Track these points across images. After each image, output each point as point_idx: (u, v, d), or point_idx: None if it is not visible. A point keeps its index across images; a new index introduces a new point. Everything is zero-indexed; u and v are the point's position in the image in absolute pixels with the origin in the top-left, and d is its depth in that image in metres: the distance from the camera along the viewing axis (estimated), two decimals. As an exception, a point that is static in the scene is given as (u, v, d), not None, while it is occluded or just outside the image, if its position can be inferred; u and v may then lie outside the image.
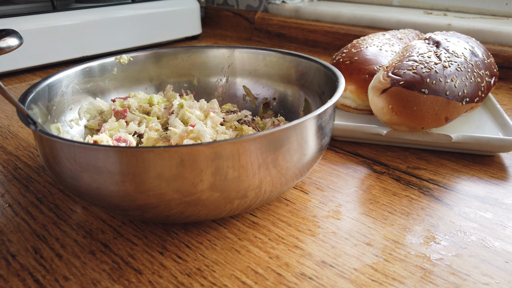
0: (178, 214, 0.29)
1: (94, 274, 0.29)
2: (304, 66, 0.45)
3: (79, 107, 0.43)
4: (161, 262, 0.30)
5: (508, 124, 0.44)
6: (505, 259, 0.29)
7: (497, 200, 0.36)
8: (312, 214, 0.35)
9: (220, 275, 0.28)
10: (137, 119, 0.43)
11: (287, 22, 0.96)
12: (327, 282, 0.27)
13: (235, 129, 0.43)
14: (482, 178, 0.40)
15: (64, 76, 0.41)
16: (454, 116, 0.42)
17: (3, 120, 0.55)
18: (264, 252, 0.30)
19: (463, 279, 0.28)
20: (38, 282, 0.28)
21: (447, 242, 0.31)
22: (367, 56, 0.51)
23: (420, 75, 0.41)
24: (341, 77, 0.37)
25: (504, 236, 0.32)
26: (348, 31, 0.86)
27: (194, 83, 0.50)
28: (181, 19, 0.93)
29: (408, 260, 0.29)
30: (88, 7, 0.80)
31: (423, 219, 0.34)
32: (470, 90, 0.43)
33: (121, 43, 0.84)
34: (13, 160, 0.44)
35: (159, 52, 0.49)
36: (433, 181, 0.39)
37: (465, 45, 0.47)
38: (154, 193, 0.27)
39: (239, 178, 0.27)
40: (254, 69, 0.49)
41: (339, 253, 0.30)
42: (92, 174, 0.27)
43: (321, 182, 0.39)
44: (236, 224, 0.33)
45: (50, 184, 0.39)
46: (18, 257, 0.30)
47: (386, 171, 0.41)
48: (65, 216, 0.35)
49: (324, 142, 0.33)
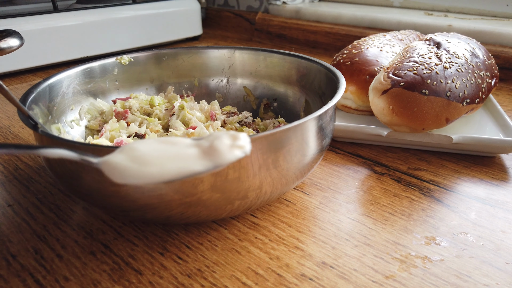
0: (178, 215, 0.29)
1: (95, 275, 0.29)
2: (304, 67, 0.45)
3: (80, 108, 0.43)
4: (162, 263, 0.30)
5: (508, 125, 0.44)
6: (505, 260, 0.29)
7: (497, 201, 0.36)
8: (313, 215, 0.35)
9: (221, 275, 0.28)
10: (138, 120, 0.43)
11: (287, 23, 0.96)
12: (327, 283, 0.27)
13: (236, 130, 0.43)
14: (483, 179, 0.39)
15: (65, 77, 0.41)
16: (454, 117, 0.42)
17: (4, 121, 0.55)
18: (265, 253, 0.30)
19: (463, 280, 0.28)
20: (38, 282, 0.28)
21: (448, 243, 0.31)
22: (367, 57, 0.51)
23: (420, 76, 0.41)
24: (342, 78, 0.37)
25: (505, 237, 0.32)
26: (348, 32, 0.86)
27: (194, 84, 0.50)
28: (182, 20, 0.93)
29: (409, 261, 0.29)
30: (89, 8, 0.80)
31: (423, 220, 0.34)
32: (471, 91, 0.43)
33: (122, 44, 0.84)
34: (14, 161, 0.44)
35: (159, 53, 0.49)
36: (433, 182, 0.39)
37: (466, 46, 0.47)
38: (154, 193, 0.27)
39: (239, 179, 0.27)
40: (255, 70, 0.49)
41: (340, 254, 0.30)
42: (92, 174, 0.27)
43: (321, 183, 0.39)
44: (237, 225, 0.33)
45: (51, 185, 0.39)
46: (19, 257, 0.30)
47: (387, 172, 0.41)
48: (66, 217, 0.35)
49: (324, 143, 0.33)
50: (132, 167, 0.21)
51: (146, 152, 0.22)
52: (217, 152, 0.22)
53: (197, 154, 0.22)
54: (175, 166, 0.21)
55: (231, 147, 0.22)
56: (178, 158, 0.22)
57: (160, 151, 0.22)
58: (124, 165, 0.22)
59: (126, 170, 0.21)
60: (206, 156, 0.22)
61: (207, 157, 0.22)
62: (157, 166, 0.21)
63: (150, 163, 0.21)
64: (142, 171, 0.21)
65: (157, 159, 0.22)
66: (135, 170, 0.21)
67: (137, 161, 0.22)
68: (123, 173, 0.21)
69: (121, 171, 0.22)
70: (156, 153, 0.22)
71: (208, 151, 0.22)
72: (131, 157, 0.22)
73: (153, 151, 0.22)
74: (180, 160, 0.22)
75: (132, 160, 0.22)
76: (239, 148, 0.22)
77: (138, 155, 0.22)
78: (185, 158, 0.22)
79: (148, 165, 0.21)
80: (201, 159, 0.22)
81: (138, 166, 0.21)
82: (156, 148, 0.22)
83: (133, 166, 0.21)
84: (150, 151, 0.22)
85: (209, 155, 0.22)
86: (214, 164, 0.22)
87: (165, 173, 0.21)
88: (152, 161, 0.22)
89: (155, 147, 0.23)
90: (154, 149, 0.22)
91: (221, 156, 0.22)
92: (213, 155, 0.22)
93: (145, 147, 0.22)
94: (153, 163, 0.21)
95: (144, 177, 0.21)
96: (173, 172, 0.21)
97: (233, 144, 0.22)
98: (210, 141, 0.23)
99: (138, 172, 0.21)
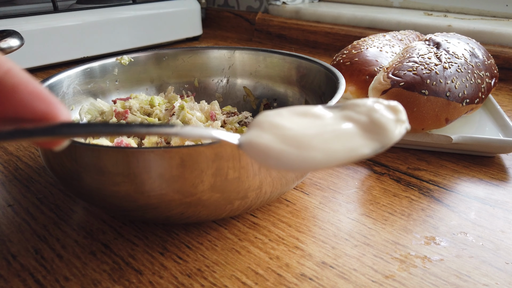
0: (178, 215, 0.29)
1: (95, 275, 0.29)
2: (304, 67, 0.45)
3: (80, 108, 0.43)
4: (162, 263, 0.30)
5: (508, 125, 0.44)
6: (505, 260, 0.29)
7: (497, 201, 0.36)
8: (313, 215, 0.35)
9: (221, 275, 0.28)
10: (138, 120, 0.43)
11: (287, 23, 0.96)
12: (327, 283, 0.27)
13: (236, 130, 0.43)
14: (483, 179, 0.40)
15: (65, 77, 0.41)
16: (454, 117, 0.43)
17: (4, 121, 0.55)
18: (265, 253, 0.30)
19: (463, 280, 0.28)
20: (38, 282, 0.28)
21: (447, 243, 0.31)
22: (367, 57, 0.51)
23: (420, 76, 0.41)
24: (342, 78, 0.37)
25: (504, 237, 0.32)
26: (348, 32, 0.86)
27: (194, 84, 0.50)
28: (181, 20, 0.93)
29: (408, 261, 0.29)
30: (89, 8, 0.80)
31: (423, 220, 0.34)
32: (471, 91, 0.43)
33: (122, 44, 0.84)
34: (14, 161, 0.44)
35: (159, 53, 0.49)
36: (433, 182, 0.39)
37: (466, 46, 0.48)
38: (154, 193, 0.27)
39: (239, 179, 0.27)
40: (255, 70, 0.49)
41: (340, 254, 0.30)
42: (93, 174, 0.27)
43: (321, 183, 0.39)
44: (237, 225, 0.33)
45: (51, 185, 0.39)
46: (19, 257, 0.30)
47: (386, 172, 0.41)
48: (66, 217, 0.35)
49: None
50: (289, 151, 0.18)
51: (298, 131, 0.18)
52: (382, 130, 0.18)
53: (357, 131, 0.18)
54: (340, 150, 0.18)
55: (396, 122, 0.19)
56: (338, 138, 0.18)
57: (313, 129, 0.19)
58: (279, 149, 0.18)
59: (282, 155, 0.18)
60: (369, 134, 0.18)
61: (371, 135, 0.18)
62: (319, 150, 0.18)
63: (310, 146, 0.18)
64: (304, 157, 0.18)
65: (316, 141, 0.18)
66: (294, 155, 0.18)
67: (292, 143, 0.18)
68: (280, 159, 0.18)
69: (277, 157, 0.18)
70: (310, 132, 0.18)
71: (371, 128, 0.18)
72: (282, 138, 0.18)
73: (305, 129, 0.19)
74: (343, 140, 0.18)
75: (284, 141, 0.18)
76: (402, 123, 0.19)
77: (291, 135, 0.18)
78: (346, 138, 0.18)
79: (308, 149, 0.18)
80: (364, 138, 0.18)
81: (297, 150, 0.18)
82: (305, 125, 0.19)
83: (290, 150, 0.18)
84: (301, 129, 0.19)
85: (372, 132, 0.18)
86: (381, 144, 0.18)
87: (331, 158, 0.18)
88: (311, 143, 0.18)
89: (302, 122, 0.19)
90: (304, 127, 0.19)
91: (388, 134, 0.18)
92: (378, 133, 0.18)
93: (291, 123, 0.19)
94: (314, 146, 0.18)
95: (307, 164, 0.18)
96: (339, 157, 0.18)
97: (398, 118, 0.19)
98: (366, 114, 0.19)
99: (298, 157, 0.18)
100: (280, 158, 0.18)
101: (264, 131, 0.19)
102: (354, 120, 0.19)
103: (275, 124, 0.19)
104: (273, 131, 0.19)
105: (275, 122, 0.19)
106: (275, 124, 0.19)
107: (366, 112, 0.19)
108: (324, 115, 0.19)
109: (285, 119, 0.19)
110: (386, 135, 0.18)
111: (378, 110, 0.19)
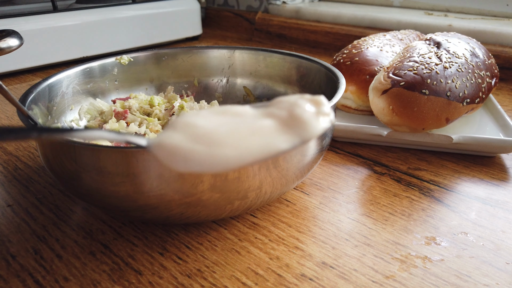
0: (178, 215, 0.29)
1: (94, 275, 0.29)
2: (304, 67, 0.45)
3: (80, 108, 0.43)
4: (161, 263, 0.30)
5: (508, 125, 0.44)
6: (505, 260, 0.29)
7: (497, 201, 0.36)
8: (313, 215, 0.34)
9: (221, 276, 0.28)
10: (138, 120, 0.43)
11: (287, 23, 0.96)
12: (327, 283, 0.27)
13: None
14: (483, 179, 0.39)
15: (65, 77, 0.41)
16: (455, 117, 0.42)
17: (3, 121, 0.55)
18: (265, 253, 0.30)
19: (463, 280, 0.27)
20: (38, 282, 0.28)
21: (448, 243, 0.31)
22: (367, 57, 0.51)
23: (420, 76, 0.41)
24: (342, 78, 0.37)
25: (505, 237, 0.32)
26: (348, 32, 0.86)
27: (194, 84, 0.50)
28: (181, 19, 0.93)
29: (409, 261, 0.29)
30: (88, 8, 0.80)
31: (423, 220, 0.34)
32: (471, 91, 0.43)
33: (122, 44, 0.84)
34: (13, 161, 0.44)
35: (159, 52, 0.49)
36: (433, 182, 0.39)
37: (466, 46, 0.47)
38: (154, 193, 0.27)
39: (239, 179, 0.27)
40: (255, 70, 0.49)
41: (340, 254, 0.30)
42: (92, 174, 0.27)
43: (321, 183, 0.39)
44: (237, 225, 0.33)
45: (50, 185, 0.39)
46: (18, 257, 0.30)
47: (387, 172, 0.41)
48: (65, 217, 0.35)
49: (324, 143, 0.33)
50: (198, 150, 0.17)
51: (211, 128, 0.17)
52: (301, 123, 0.18)
53: (276, 127, 0.18)
54: (254, 146, 0.17)
55: (317, 115, 0.18)
56: (254, 134, 0.17)
57: (228, 125, 0.18)
58: (187, 148, 0.17)
59: (190, 155, 0.17)
60: (288, 129, 0.18)
61: (289, 130, 0.18)
62: (232, 147, 0.17)
63: (221, 143, 0.17)
64: (214, 155, 0.17)
65: (229, 138, 0.17)
66: (204, 154, 0.17)
67: (202, 141, 0.17)
68: (188, 159, 0.17)
69: (184, 156, 0.17)
70: (224, 128, 0.17)
71: (290, 123, 0.18)
72: (193, 136, 0.17)
73: (219, 126, 0.18)
74: (258, 136, 0.17)
75: (195, 140, 0.17)
76: (325, 116, 0.18)
77: (202, 133, 0.17)
78: (263, 133, 0.17)
79: (219, 146, 0.17)
80: (283, 133, 0.17)
81: (207, 148, 0.17)
82: (220, 122, 0.18)
83: (200, 148, 0.17)
84: (215, 126, 0.17)
85: (291, 127, 0.18)
86: (300, 138, 0.17)
87: (244, 155, 0.17)
88: (223, 140, 0.17)
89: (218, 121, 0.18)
90: (219, 124, 0.18)
91: (307, 128, 0.17)
92: (297, 127, 0.18)
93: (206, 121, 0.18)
94: (226, 143, 0.17)
95: (218, 163, 0.17)
96: (253, 153, 0.17)
97: (319, 111, 0.18)
98: (287, 109, 0.18)
99: (208, 156, 0.16)
100: (188, 158, 0.17)
101: (176, 131, 0.18)
102: (274, 116, 0.18)
103: (188, 123, 0.18)
104: (184, 130, 0.18)
105: (189, 121, 0.18)
106: (188, 123, 0.18)
107: (287, 107, 0.18)
108: (244, 113, 0.19)
109: (202, 118, 0.18)
110: (306, 128, 0.18)
111: (300, 104, 0.18)
